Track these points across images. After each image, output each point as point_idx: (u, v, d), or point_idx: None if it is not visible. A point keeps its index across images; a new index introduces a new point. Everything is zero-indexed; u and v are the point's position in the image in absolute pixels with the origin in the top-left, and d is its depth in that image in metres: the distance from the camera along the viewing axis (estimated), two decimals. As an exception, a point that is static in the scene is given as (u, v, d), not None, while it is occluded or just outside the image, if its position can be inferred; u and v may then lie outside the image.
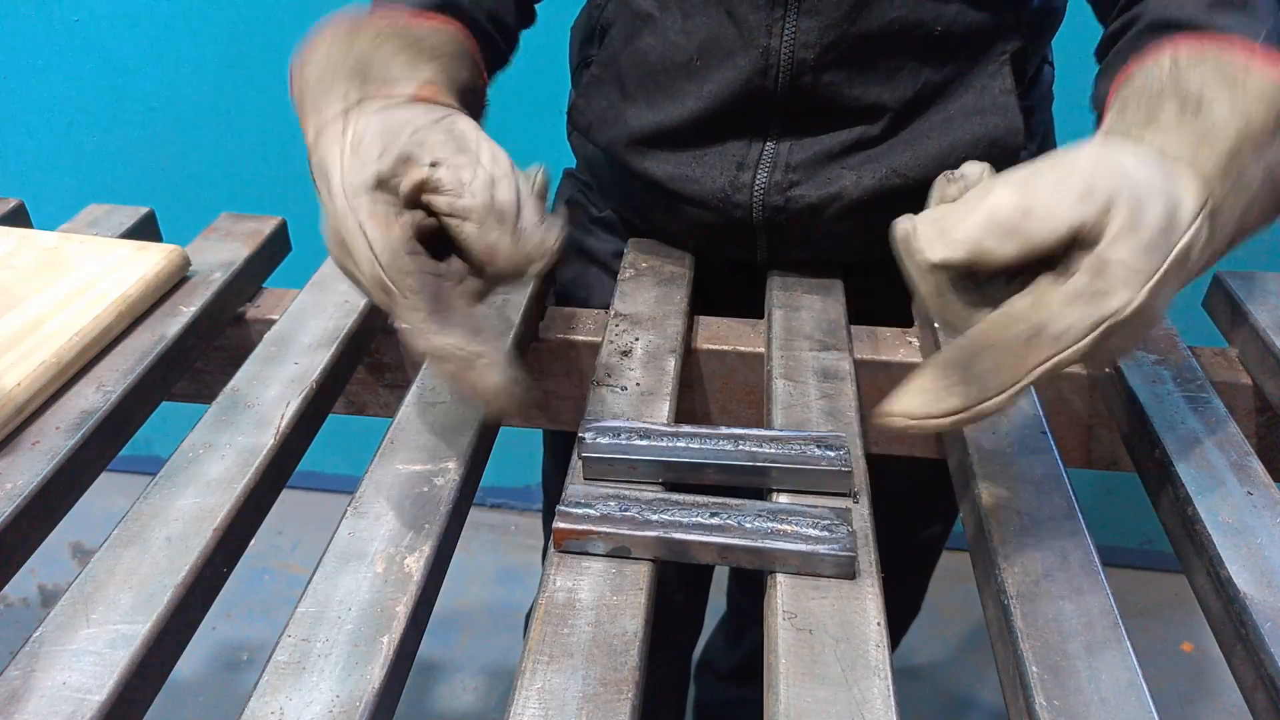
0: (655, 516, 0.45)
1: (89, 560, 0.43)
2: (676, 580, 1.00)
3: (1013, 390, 0.41)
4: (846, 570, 0.43)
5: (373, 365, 0.68)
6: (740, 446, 0.49)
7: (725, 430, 0.50)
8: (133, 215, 0.73)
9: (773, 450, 0.49)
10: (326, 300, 0.64)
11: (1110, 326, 0.40)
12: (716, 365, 0.64)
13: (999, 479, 0.50)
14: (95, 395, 0.53)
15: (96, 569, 0.43)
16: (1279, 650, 0.40)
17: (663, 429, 0.50)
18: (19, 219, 0.74)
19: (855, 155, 0.64)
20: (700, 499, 0.46)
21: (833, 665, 0.39)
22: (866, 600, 0.43)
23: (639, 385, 0.57)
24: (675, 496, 0.47)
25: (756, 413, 0.65)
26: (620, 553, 0.45)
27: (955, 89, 0.63)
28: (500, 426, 0.58)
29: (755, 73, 0.62)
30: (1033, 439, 0.53)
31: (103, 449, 0.52)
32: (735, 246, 0.70)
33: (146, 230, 0.74)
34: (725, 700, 1.32)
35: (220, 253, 0.69)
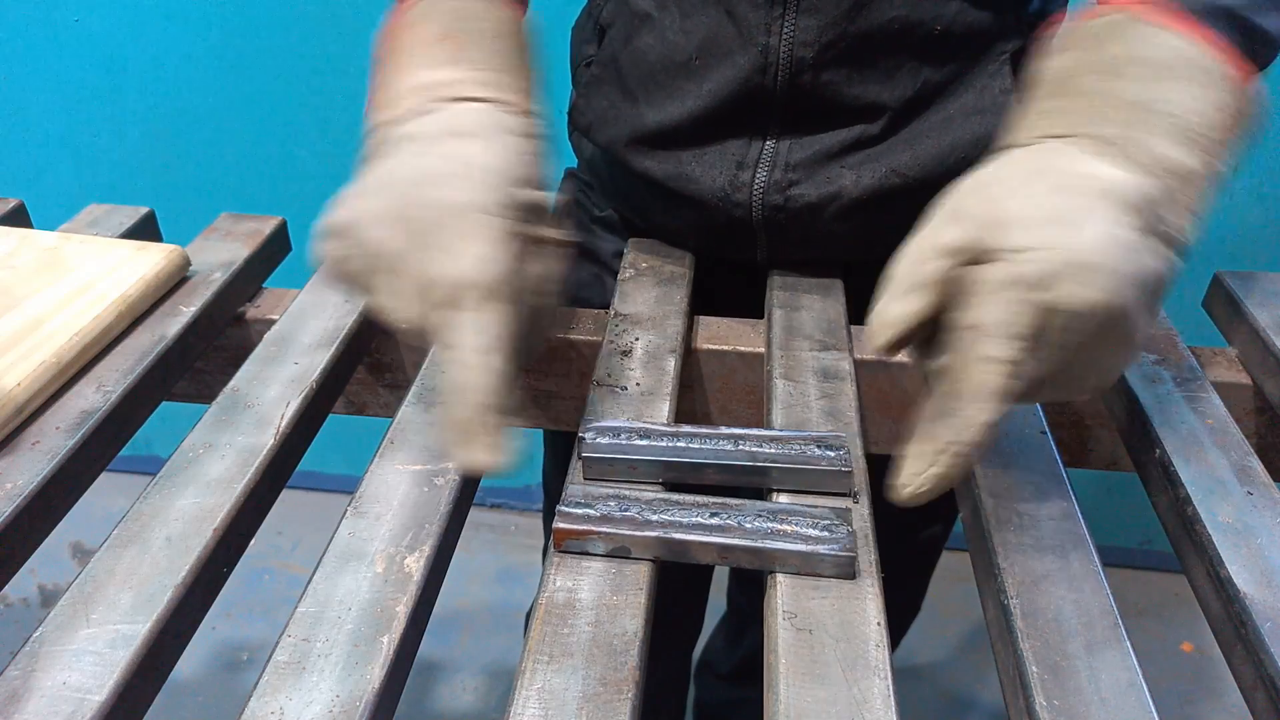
0: (655, 516, 0.45)
1: (89, 560, 0.43)
2: (680, 581, 1.00)
3: (981, 403, 0.41)
4: (846, 570, 0.43)
5: (373, 365, 0.68)
6: (740, 446, 0.49)
7: (725, 430, 0.50)
8: (133, 215, 0.73)
9: (773, 450, 0.49)
10: (326, 300, 0.64)
11: (1039, 302, 0.41)
12: (716, 365, 0.64)
13: (999, 479, 0.50)
14: (95, 395, 0.53)
15: (96, 569, 0.43)
16: (1279, 650, 0.40)
17: (663, 429, 0.50)
18: (19, 219, 0.74)
19: (855, 154, 0.64)
20: (700, 499, 0.46)
21: (833, 665, 0.39)
22: (866, 600, 0.43)
23: (639, 385, 0.57)
24: (675, 496, 0.47)
25: (756, 413, 0.65)
26: (620, 553, 0.45)
27: (955, 89, 0.63)
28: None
29: (754, 71, 0.62)
30: (1033, 439, 0.53)
31: (103, 449, 0.52)
32: (735, 246, 0.70)
33: (146, 230, 0.74)
34: (725, 700, 1.32)
35: (220, 253, 0.69)
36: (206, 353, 0.65)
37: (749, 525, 0.45)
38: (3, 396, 0.50)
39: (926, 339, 0.45)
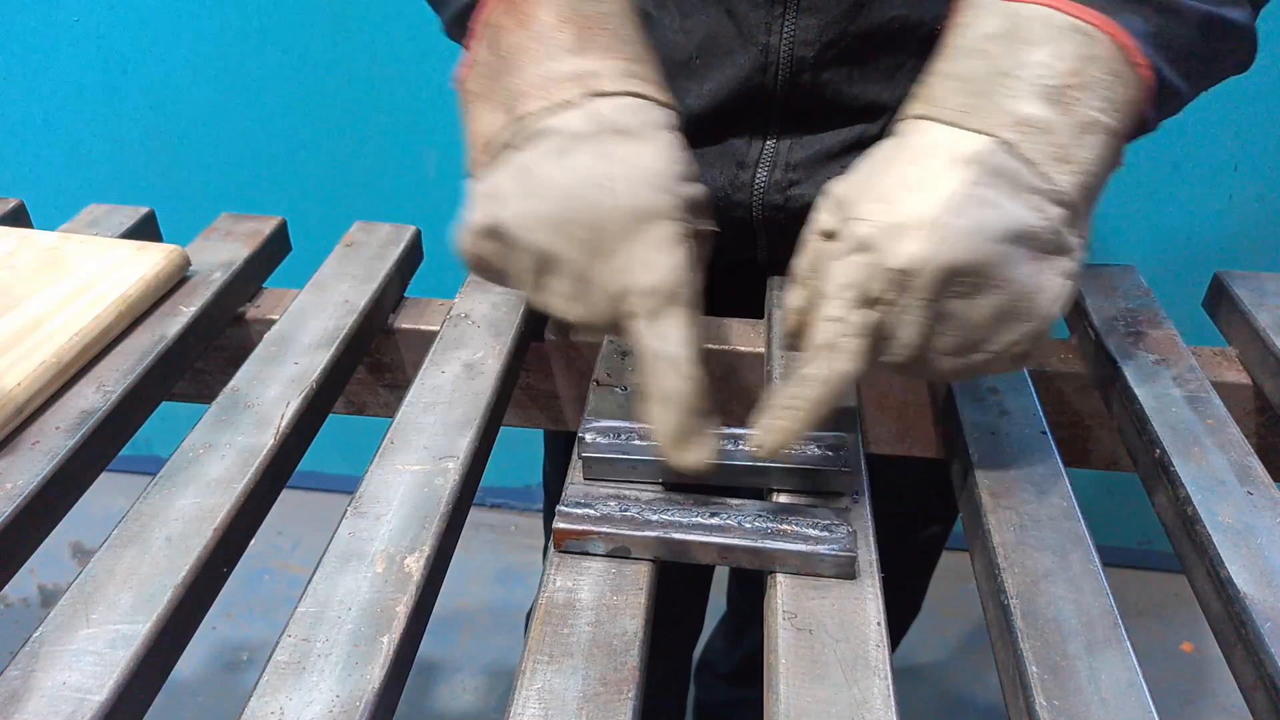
0: (655, 516, 0.45)
1: (89, 560, 0.43)
2: (680, 581, 1.00)
3: (821, 360, 0.43)
4: (846, 570, 0.43)
5: (373, 365, 0.68)
6: (740, 446, 0.49)
7: (725, 430, 0.50)
8: (133, 215, 0.73)
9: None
10: (326, 300, 0.64)
11: (869, 262, 0.42)
12: (716, 365, 0.64)
13: (999, 479, 0.50)
14: (95, 395, 0.53)
15: (96, 569, 0.43)
16: (1279, 650, 0.40)
17: (663, 429, 0.50)
18: (19, 219, 0.74)
19: (855, 154, 0.64)
20: (700, 499, 0.46)
21: (833, 665, 0.39)
22: (866, 600, 0.43)
23: (639, 385, 0.57)
24: (675, 496, 0.47)
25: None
26: (620, 553, 0.45)
27: (955, 89, 0.63)
28: (500, 426, 0.58)
29: (755, 71, 0.62)
30: (1033, 439, 0.53)
31: (103, 449, 0.52)
32: (735, 246, 0.70)
33: (146, 230, 0.74)
34: (725, 700, 1.32)
35: (220, 253, 0.69)
36: (206, 353, 0.65)
37: (749, 525, 0.45)
38: (3, 396, 0.50)
39: None
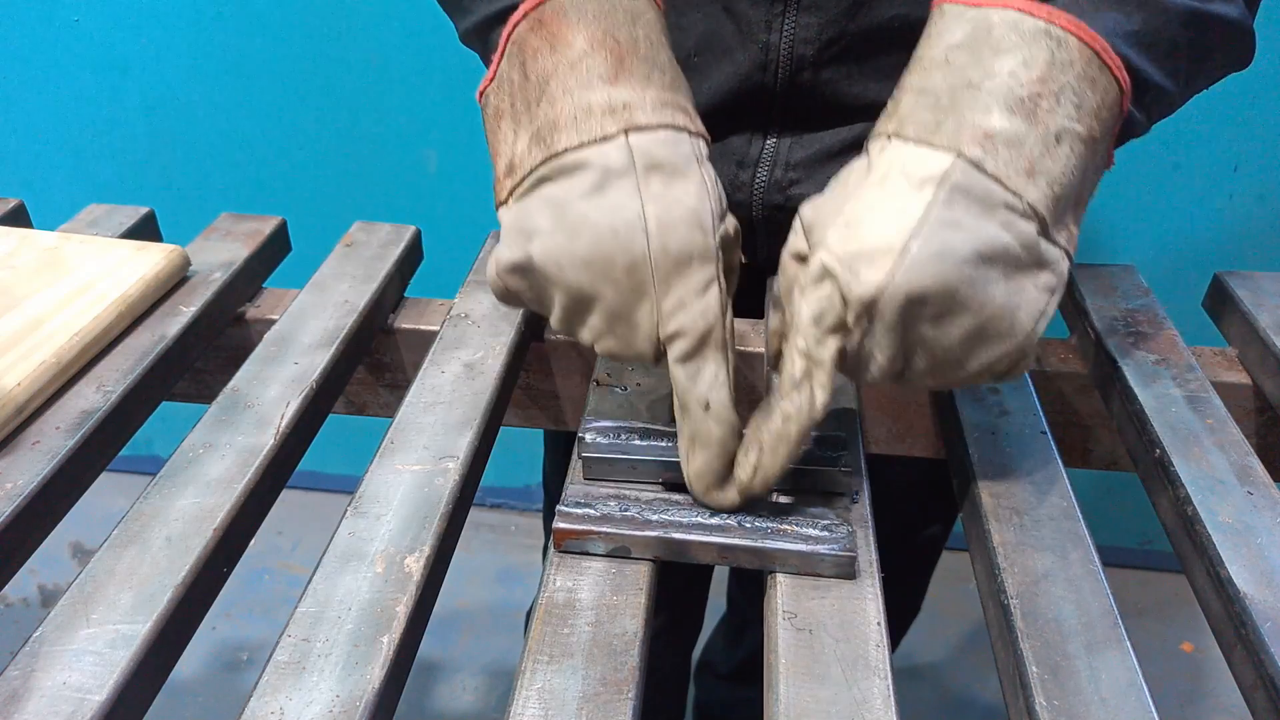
0: (655, 516, 0.45)
1: (89, 560, 0.43)
2: (680, 581, 1.00)
3: (788, 392, 0.43)
4: (846, 570, 0.43)
5: (373, 365, 0.68)
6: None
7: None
8: (133, 215, 0.73)
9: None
10: (326, 300, 0.64)
11: (831, 293, 0.42)
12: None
13: (999, 479, 0.50)
14: (95, 395, 0.53)
15: (96, 569, 0.43)
16: (1279, 650, 0.40)
17: (663, 429, 0.50)
18: (19, 219, 0.74)
19: (855, 154, 0.64)
20: (700, 499, 0.46)
21: (833, 665, 0.39)
22: (866, 600, 0.43)
23: (639, 385, 0.57)
24: (675, 496, 0.47)
25: (756, 413, 0.65)
26: (620, 553, 0.45)
27: (955, 89, 0.63)
28: (500, 426, 0.58)
29: (755, 69, 0.62)
30: (1033, 439, 0.53)
31: (103, 449, 0.52)
32: (735, 246, 0.70)
33: (146, 230, 0.74)
34: (725, 700, 1.32)
35: (220, 253, 0.69)
36: (206, 353, 0.65)
37: (749, 525, 0.45)
38: (3, 396, 0.50)
39: None
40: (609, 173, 0.43)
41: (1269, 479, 0.49)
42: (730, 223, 0.45)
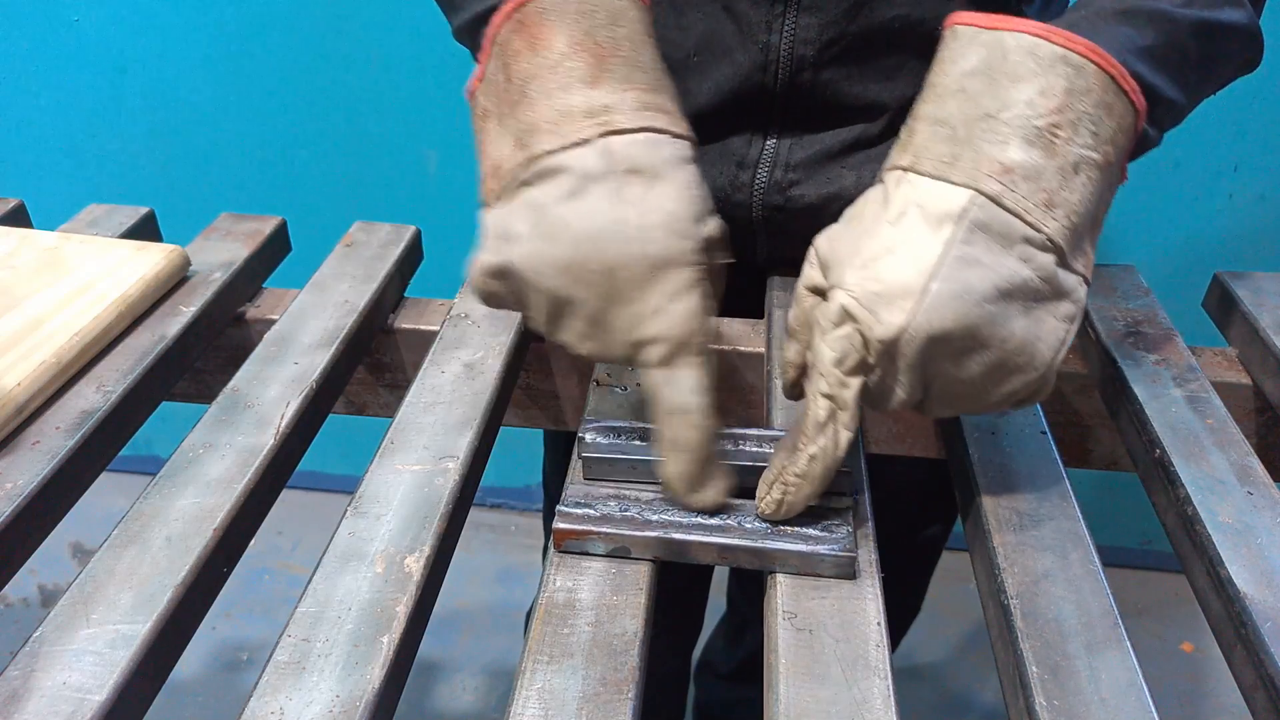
0: (655, 516, 0.45)
1: (89, 560, 0.43)
2: (680, 581, 1.00)
3: (808, 432, 0.43)
4: (846, 570, 0.43)
5: (373, 365, 0.68)
6: (740, 447, 0.49)
7: (725, 430, 0.50)
8: (133, 215, 0.73)
9: (772, 450, 0.49)
10: (326, 300, 0.64)
11: (852, 334, 0.42)
12: (716, 365, 0.64)
13: (999, 479, 0.50)
14: (95, 395, 0.53)
15: (96, 569, 0.43)
16: (1279, 650, 0.40)
17: (663, 429, 0.50)
18: (19, 219, 0.74)
19: (855, 155, 0.64)
20: (700, 499, 0.46)
21: (833, 665, 0.39)
22: (866, 600, 0.43)
23: (639, 385, 0.57)
24: (675, 496, 0.47)
25: (757, 413, 0.65)
26: (620, 553, 0.45)
27: (955, 89, 0.63)
28: (500, 426, 0.58)
29: (755, 69, 0.62)
30: (1033, 439, 0.53)
31: (103, 449, 0.52)
32: (735, 246, 0.70)
33: (146, 230, 0.74)
34: (725, 700, 1.32)
35: (220, 253, 0.69)
36: (206, 353, 0.65)
37: (749, 525, 0.45)
38: (3, 396, 0.50)
39: None
40: (587, 177, 0.42)
41: (1269, 479, 0.49)
42: (714, 225, 0.45)
